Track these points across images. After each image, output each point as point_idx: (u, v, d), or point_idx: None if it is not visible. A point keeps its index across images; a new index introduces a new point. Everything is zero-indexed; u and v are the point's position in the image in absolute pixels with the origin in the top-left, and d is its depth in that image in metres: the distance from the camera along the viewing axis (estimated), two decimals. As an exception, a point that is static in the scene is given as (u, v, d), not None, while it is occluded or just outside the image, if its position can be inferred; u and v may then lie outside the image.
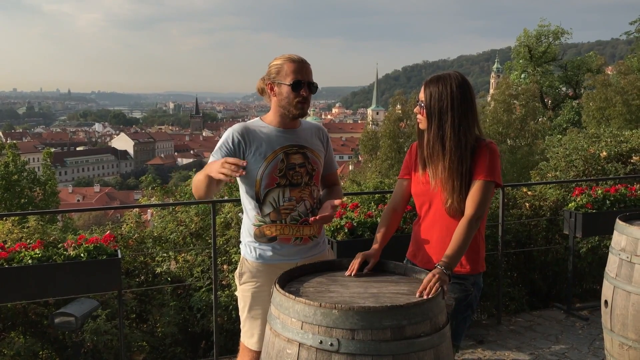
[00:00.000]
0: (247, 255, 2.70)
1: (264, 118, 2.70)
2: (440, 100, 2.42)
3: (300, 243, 2.66)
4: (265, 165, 2.58)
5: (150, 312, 4.61)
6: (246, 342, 2.72)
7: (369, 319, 1.91)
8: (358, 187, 7.82)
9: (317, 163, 2.70)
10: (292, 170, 2.61)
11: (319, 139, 2.76)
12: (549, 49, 34.23)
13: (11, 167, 15.90)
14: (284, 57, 2.60)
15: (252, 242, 2.68)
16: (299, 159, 2.63)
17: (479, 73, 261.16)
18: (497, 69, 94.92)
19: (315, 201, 2.70)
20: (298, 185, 2.63)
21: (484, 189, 2.41)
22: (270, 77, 2.61)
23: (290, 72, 2.55)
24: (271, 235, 2.64)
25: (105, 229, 5.03)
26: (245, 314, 2.70)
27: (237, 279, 2.74)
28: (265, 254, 2.65)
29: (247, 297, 2.68)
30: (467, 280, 2.50)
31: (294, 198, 2.61)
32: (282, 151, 2.60)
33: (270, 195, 2.60)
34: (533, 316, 5.08)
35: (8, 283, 3.52)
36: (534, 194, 5.84)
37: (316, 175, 2.69)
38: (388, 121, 32.93)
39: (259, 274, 2.65)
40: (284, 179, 2.60)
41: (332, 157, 2.86)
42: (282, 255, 2.64)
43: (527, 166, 23.61)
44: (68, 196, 58.07)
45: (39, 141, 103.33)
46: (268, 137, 2.61)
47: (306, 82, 2.57)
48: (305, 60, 2.61)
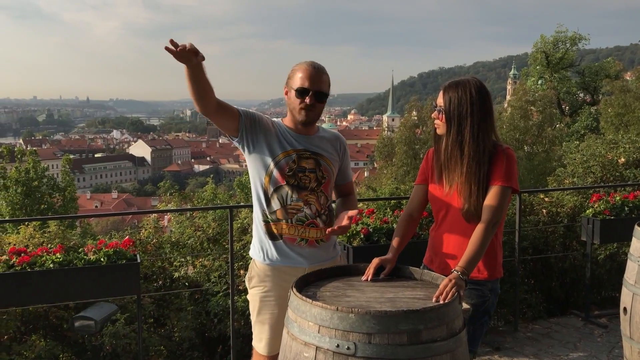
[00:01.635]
0: (255, 256, 2.72)
1: (283, 120, 2.74)
2: (459, 106, 2.42)
3: (306, 245, 2.66)
4: (278, 160, 2.60)
5: (168, 317, 4.65)
6: (256, 347, 2.74)
7: (385, 323, 1.93)
8: (374, 193, 7.82)
9: (329, 171, 2.70)
10: (302, 173, 2.63)
11: (334, 149, 2.76)
12: (567, 55, 33.96)
13: (32, 174, 16.12)
14: (301, 63, 2.63)
15: (260, 240, 2.70)
16: (310, 164, 2.65)
17: (496, 79, 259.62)
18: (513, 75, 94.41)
19: (322, 207, 2.69)
20: (305, 188, 2.64)
21: (501, 195, 2.42)
22: (286, 82, 2.65)
23: (299, 78, 2.57)
24: (277, 233, 2.66)
25: (123, 235, 5.10)
26: (255, 319, 2.73)
27: (247, 282, 2.77)
28: (272, 255, 2.66)
29: (256, 302, 2.70)
30: (484, 286, 2.51)
31: (302, 200, 2.63)
32: (295, 153, 2.63)
33: (279, 192, 2.62)
34: (550, 323, 5.04)
35: (30, 286, 3.58)
36: (551, 200, 5.80)
37: (326, 184, 2.70)
38: (404, 127, 32.83)
39: (267, 278, 2.67)
40: (292, 178, 2.62)
41: (348, 167, 2.87)
42: (288, 259, 2.66)
43: (544, 172, 23.41)
44: (86, 202, 58.64)
45: (58, 148, 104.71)
46: (284, 136, 2.64)
47: (313, 90, 2.55)
48: (320, 68, 2.60)
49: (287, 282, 2.62)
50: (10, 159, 16.87)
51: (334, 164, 2.73)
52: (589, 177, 7.28)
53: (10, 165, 16.65)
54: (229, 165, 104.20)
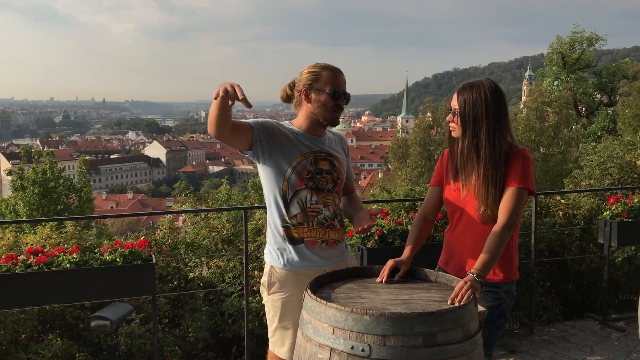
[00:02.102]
0: (274, 263, 2.69)
1: (293, 122, 2.73)
2: (474, 108, 2.41)
3: (326, 247, 2.67)
4: (295, 164, 2.60)
5: (183, 317, 4.67)
6: (276, 351, 2.73)
7: (400, 325, 1.92)
8: (388, 194, 7.81)
9: (342, 172, 2.73)
10: (320, 175, 2.64)
11: (342, 149, 2.80)
12: (583, 55, 33.67)
13: (48, 175, 16.29)
14: (321, 65, 2.63)
15: (279, 246, 2.68)
16: (326, 165, 2.66)
17: (511, 80, 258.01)
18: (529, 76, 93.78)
19: (337, 208, 2.72)
20: (323, 190, 2.65)
21: (517, 196, 2.40)
22: (306, 83, 2.62)
23: (330, 80, 2.58)
24: (298, 237, 2.64)
25: (139, 235, 5.13)
26: (276, 324, 2.70)
27: (264, 288, 2.73)
28: (293, 260, 2.65)
29: (278, 307, 2.68)
30: (500, 289, 2.49)
31: (320, 202, 2.64)
32: (312, 154, 2.63)
33: (298, 196, 2.62)
34: (567, 326, 5.00)
35: (47, 286, 3.62)
36: (568, 202, 5.75)
37: (340, 184, 2.72)
38: (418, 129, 32.74)
39: (289, 283, 2.66)
40: (311, 181, 2.62)
41: (350, 166, 2.90)
42: (309, 261, 2.65)
43: (560, 174, 23.21)
44: (102, 203, 59.15)
45: (74, 149, 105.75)
46: (299, 139, 2.64)
47: (342, 92, 2.61)
48: (341, 71, 2.65)
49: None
50: (28, 160, 17.06)
51: (344, 164, 2.76)
52: (606, 179, 7.20)
53: (27, 166, 16.84)
54: (243, 167, 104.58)
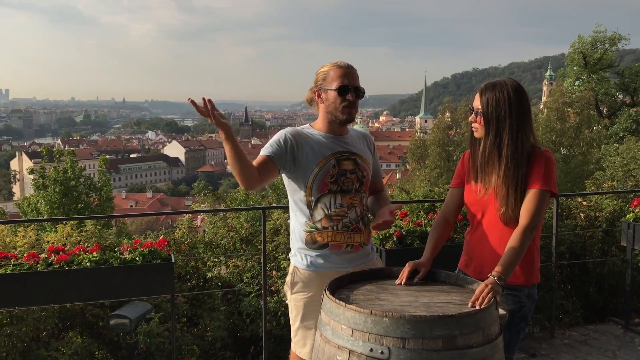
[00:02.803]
0: (298, 264, 2.69)
1: (313, 125, 2.72)
2: (497, 107, 2.37)
3: (352, 250, 2.66)
4: (317, 170, 2.59)
5: (201, 316, 4.69)
6: (298, 351, 2.72)
7: (420, 328, 1.90)
8: (407, 195, 7.77)
9: (367, 170, 2.71)
10: (344, 177, 2.62)
11: (366, 146, 2.78)
12: (605, 55, 33.23)
13: (69, 174, 16.48)
14: (330, 64, 2.63)
15: (303, 249, 2.67)
16: (350, 165, 2.64)
17: (531, 80, 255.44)
18: (549, 76, 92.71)
19: (364, 208, 2.70)
20: (349, 191, 2.63)
21: (539, 199, 2.36)
22: (318, 84, 2.63)
23: (337, 77, 2.57)
24: (322, 241, 2.63)
25: (158, 234, 5.16)
26: (298, 324, 2.70)
27: (288, 288, 2.73)
28: (317, 262, 2.65)
29: (300, 307, 2.68)
30: (521, 292, 2.45)
31: (345, 204, 2.62)
32: (333, 157, 2.61)
33: (321, 201, 2.61)
34: (588, 330, 4.92)
35: (68, 284, 3.66)
36: (590, 204, 5.66)
37: (366, 182, 2.70)
38: (437, 129, 32.57)
39: (312, 284, 2.65)
40: (335, 184, 2.61)
41: (378, 163, 2.88)
42: (333, 263, 2.64)
43: (582, 175, 22.95)
44: (121, 202, 59.71)
45: (94, 148, 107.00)
46: (319, 143, 2.62)
47: (352, 86, 2.58)
48: (352, 66, 2.63)
49: None
50: (49, 159, 17.27)
51: (369, 162, 2.74)
52: (629, 180, 7.10)
53: (49, 164, 17.05)
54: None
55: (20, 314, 4.04)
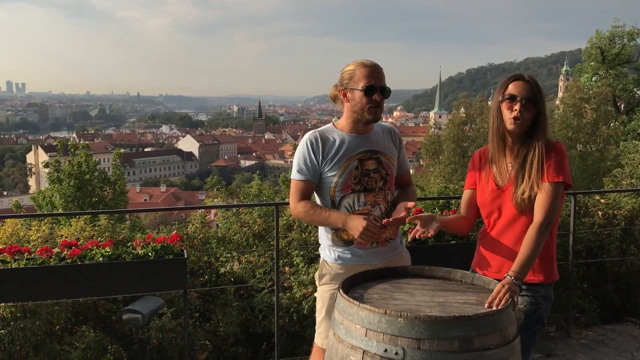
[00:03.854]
0: (326, 257, 2.73)
1: (337, 124, 2.72)
2: (542, 97, 2.40)
3: (377, 246, 2.67)
4: (340, 173, 2.60)
5: (214, 312, 4.67)
6: (320, 343, 2.75)
7: (435, 329, 1.86)
8: (422, 192, 7.71)
9: (391, 167, 2.70)
10: (367, 177, 2.62)
11: (391, 141, 2.76)
12: (623, 50, 32.72)
13: (84, 167, 16.56)
14: (356, 63, 2.61)
15: (330, 245, 2.71)
16: (372, 164, 2.63)
17: (547, 76, 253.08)
18: (566, 72, 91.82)
19: (389, 204, 2.70)
20: (373, 190, 2.64)
21: (554, 192, 2.32)
22: (343, 83, 2.62)
23: (363, 77, 2.56)
24: (348, 239, 2.65)
25: (171, 229, 5.15)
26: (323, 315, 2.73)
27: (317, 280, 2.78)
28: (344, 256, 2.67)
29: (326, 299, 2.71)
30: (537, 292, 2.40)
31: (369, 202, 2.62)
32: (356, 158, 2.61)
33: (345, 200, 2.62)
34: (605, 330, 4.84)
35: (80, 279, 3.66)
36: (608, 202, 5.56)
37: (390, 179, 2.70)
38: (452, 125, 32.37)
39: (338, 277, 2.65)
40: (359, 185, 2.62)
41: (405, 157, 2.85)
42: (360, 257, 2.66)
43: (598, 172, 22.71)
44: (136, 195, 60.13)
45: (109, 142, 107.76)
46: (342, 145, 2.62)
47: (379, 86, 2.57)
48: (378, 65, 2.61)
49: None
50: (64, 153, 17.36)
51: (393, 157, 2.73)
52: (648, 178, 6.97)
53: (64, 158, 17.15)
54: (274, 161, 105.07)
55: (34, 308, 4.05)
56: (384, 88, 2.59)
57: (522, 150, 2.40)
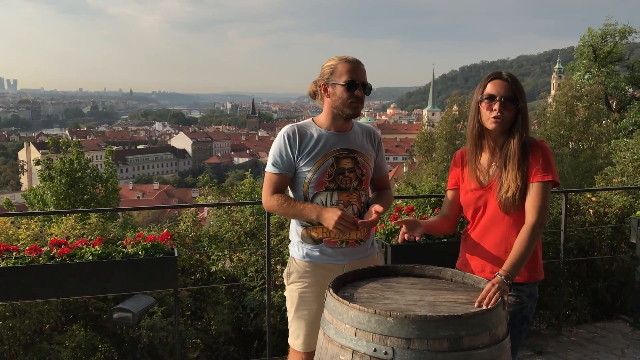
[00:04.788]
0: (295, 254, 2.70)
1: (316, 120, 2.68)
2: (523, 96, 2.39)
3: (346, 247, 2.64)
4: (315, 169, 2.57)
5: (205, 310, 4.66)
6: (291, 343, 2.72)
7: (425, 329, 1.86)
8: (413, 190, 7.72)
9: (367, 168, 2.67)
10: (342, 175, 2.59)
11: (370, 142, 2.72)
12: (615, 48, 32.85)
13: (75, 165, 16.47)
14: (337, 58, 2.58)
15: (299, 242, 2.68)
16: (348, 163, 2.61)
17: (540, 73, 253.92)
18: (558, 70, 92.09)
19: (363, 205, 2.67)
20: (347, 189, 2.61)
21: (543, 191, 2.33)
22: (324, 77, 2.59)
23: (345, 72, 2.53)
24: (317, 237, 2.63)
25: (163, 227, 5.12)
26: (292, 314, 2.70)
27: (285, 278, 2.75)
28: (312, 254, 2.64)
29: (295, 297, 2.68)
30: (522, 292, 2.40)
31: (342, 202, 2.59)
32: (332, 155, 2.58)
33: (317, 198, 2.59)
34: (596, 328, 4.86)
35: (70, 278, 3.63)
36: (599, 200, 5.59)
37: (365, 180, 2.67)
38: (445, 122, 32.47)
39: (307, 274, 2.65)
40: (333, 183, 2.59)
41: (383, 160, 2.82)
42: (329, 256, 2.63)
43: (590, 170, 22.82)
44: (128, 193, 59.94)
45: (102, 139, 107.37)
46: (319, 140, 2.59)
47: (360, 82, 2.54)
48: (360, 61, 2.58)
49: (326, 278, 2.61)
50: (56, 150, 17.27)
51: (370, 159, 2.70)
52: (639, 176, 7.00)
53: (55, 155, 17.05)
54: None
55: (23, 307, 4.02)
56: (366, 84, 2.56)
57: (504, 149, 2.39)
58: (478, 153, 2.48)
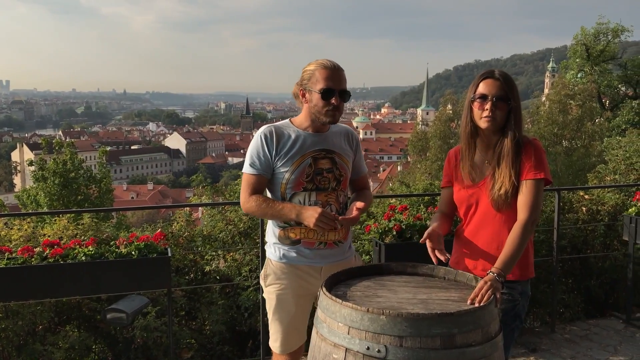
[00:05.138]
0: (271, 256, 2.68)
1: (294, 120, 2.66)
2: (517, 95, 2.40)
3: (324, 247, 2.62)
4: (293, 169, 2.55)
5: (199, 310, 4.65)
6: (271, 346, 2.71)
7: (417, 326, 1.86)
8: (407, 188, 7.73)
9: (345, 168, 2.65)
10: (320, 176, 2.57)
11: (347, 143, 2.71)
12: (608, 47, 32.98)
13: (69, 165, 16.43)
14: (316, 63, 2.54)
15: (276, 243, 2.65)
16: (326, 164, 2.59)
17: (533, 72, 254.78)
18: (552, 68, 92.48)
19: (341, 206, 2.65)
20: (325, 189, 2.59)
21: (535, 189, 2.34)
22: (302, 83, 2.57)
23: (322, 79, 2.49)
24: (295, 238, 2.60)
25: (156, 227, 5.12)
26: (271, 316, 2.69)
27: (262, 280, 2.72)
28: (289, 255, 2.62)
29: (272, 300, 2.66)
30: (514, 290, 2.41)
31: (320, 202, 2.57)
32: (310, 156, 2.56)
33: (295, 198, 2.57)
34: (589, 325, 4.88)
35: (63, 278, 3.62)
36: (592, 198, 5.61)
37: (344, 181, 2.65)
38: (438, 121, 32.53)
39: (284, 276, 2.63)
40: (311, 183, 2.57)
41: (362, 161, 2.81)
42: (306, 258, 2.61)
43: (584, 168, 22.91)
44: (122, 193, 59.75)
45: (95, 140, 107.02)
46: (296, 141, 2.57)
47: (338, 89, 2.50)
48: (339, 67, 2.54)
49: (303, 279, 2.62)
50: (49, 151, 17.22)
51: (348, 160, 2.68)
52: (631, 174, 7.04)
53: (49, 156, 17.00)
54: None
55: (16, 308, 4.00)
56: (343, 91, 2.51)
57: (497, 147, 2.40)
58: (471, 151, 2.49)
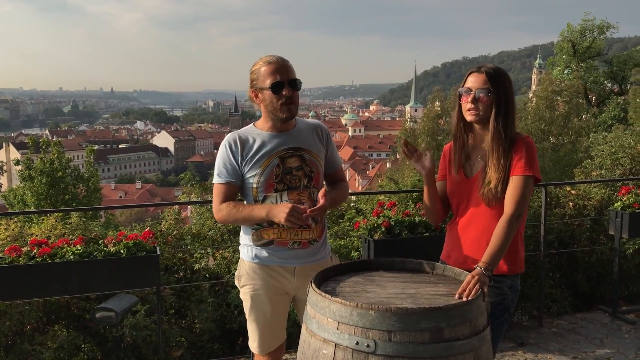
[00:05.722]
0: (244, 256, 2.66)
1: (257, 124, 2.64)
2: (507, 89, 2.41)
3: (299, 247, 2.59)
4: (261, 172, 2.52)
5: (189, 308, 4.65)
6: (250, 346, 2.71)
7: (406, 321, 1.88)
8: (396, 185, 7.75)
9: (316, 164, 2.61)
10: (289, 175, 2.55)
11: (317, 138, 2.67)
12: (594, 43, 33.26)
13: (56, 164, 16.31)
14: (261, 60, 2.52)
15: (247, 244, 2.64)
16: (295, 162, 2.56)
17: (521, 69, 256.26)
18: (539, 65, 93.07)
19: (315, 203, 2.58)
20: (296, 188, 2.56)
21: (524, 185, 2.35)
22: (253, 84, 2.54)
23: (269, 74, 2.46)
24: (268, 238, 2.58)
25: (145, 226, 5.10)
26: (247, 317, 2.69)
27: (236, 281, 2.71)
28: (261, 255, 2.60)
29: (247, 300, 2.65)
30: (503, 283, 2.43)
31: (292, 201, 2.52)
32: (277, 156, 2.53)
33: (267, 200, 2.55)
34: (576, 319, 4.93)
35: (51, 278, 3.60)
36: (578, 193, 5.66)
37: (315, 177, 2.61)
38: (427, 118, 32.63)
39: (256, 276, 2.61)
40: (281, 183, 2.54)
41: (335, 154, 2.77)
42: (279, 258, 2.59)
43: (570, 164, 23.07)
44: (110, 192, 59.44)
45: (83, 139, 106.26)
46: (261, 144, 2.54)
47: (287, 80, 2.47)
48: (283, 59, 2.51)
49: (276, 280, 2.60)
50: (36, 150, 17.09)
51: (319, 155, 2.64)
52: (617, 169, 7.10)
53: (35, 155, 16.87)
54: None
55: (4, 308, 3.98)
56: (292, 80, 2.48)
57: (486, 141, 2.43)
58: (463, 146, 2.51)
